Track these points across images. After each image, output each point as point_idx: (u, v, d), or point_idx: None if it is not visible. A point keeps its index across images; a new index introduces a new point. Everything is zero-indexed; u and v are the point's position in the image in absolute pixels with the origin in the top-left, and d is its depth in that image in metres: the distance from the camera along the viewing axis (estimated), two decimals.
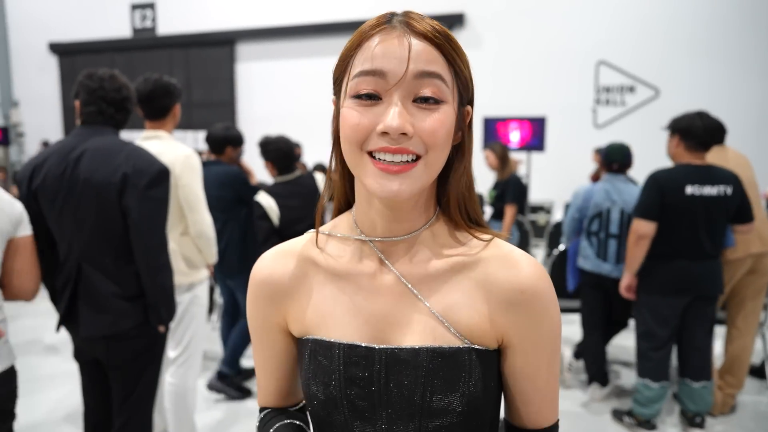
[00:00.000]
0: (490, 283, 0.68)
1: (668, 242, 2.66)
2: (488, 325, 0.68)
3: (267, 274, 0.75)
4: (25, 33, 11.01)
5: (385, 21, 0.64)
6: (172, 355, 2.47)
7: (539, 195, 8.04)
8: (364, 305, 0.69)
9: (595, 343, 3.25)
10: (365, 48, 0.63)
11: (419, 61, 0.61)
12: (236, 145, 3.23)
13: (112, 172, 1.78)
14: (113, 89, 1.89)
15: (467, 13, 8.77)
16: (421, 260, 0.70)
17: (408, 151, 0.61)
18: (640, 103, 8.36)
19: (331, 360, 0.68)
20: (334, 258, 0.72)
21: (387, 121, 0.60)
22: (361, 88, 0.62)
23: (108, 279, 1.84)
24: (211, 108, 9.98)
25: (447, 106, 0.63)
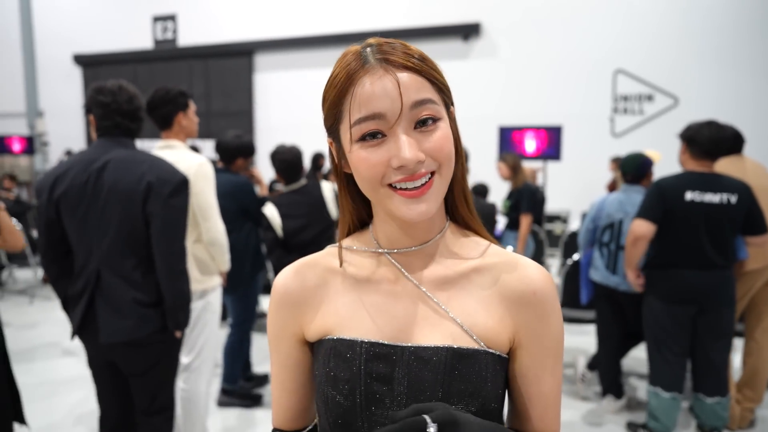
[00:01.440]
0: (504, 286, 0.73)
1: (671, 250, 2.63)
2: (502, 329, 0.72)
3: (288, 284, 0.78)
4: (51, 45, 11.31)
5: (363, 62, 0.67)
6: (184, 361, 2.50)
7: (555, 204, 7.98)
8: (385, 308, 0.74)
9: (609, 354, 3.21)
10: (356, 95, 0.66)
11: (410, 93, 0.66)
12: (247, 155, 3.17)
13: (137, 180, 1.86)
14: (125, 101, 1.95)
15: (483, 22, 8.78)
16: (437, 268, 0.75)
17: (424, 174, 0.67)
18: (658, 111, 8.26)
19: (353, 356, 0.70)
20: (355, 268, 0.77)
21: (400, 155, 0.65)
22: (365, 131, 0.66)
23: (128, 285, 1.89)
24: (229, 117, 10.13)
25: (442, 122, 0.68)
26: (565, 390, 3.53)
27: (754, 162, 2.98)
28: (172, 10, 10.56)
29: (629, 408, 3.25)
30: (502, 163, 4.30)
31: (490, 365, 0.70)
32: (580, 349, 4.16)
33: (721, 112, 5.17)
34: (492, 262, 0.75)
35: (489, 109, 8.41)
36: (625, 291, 3.00)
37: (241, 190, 3.09)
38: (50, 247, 1.94)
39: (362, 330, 0.73)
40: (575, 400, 3.39)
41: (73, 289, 1.95)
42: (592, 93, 8.40)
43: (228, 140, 3.12)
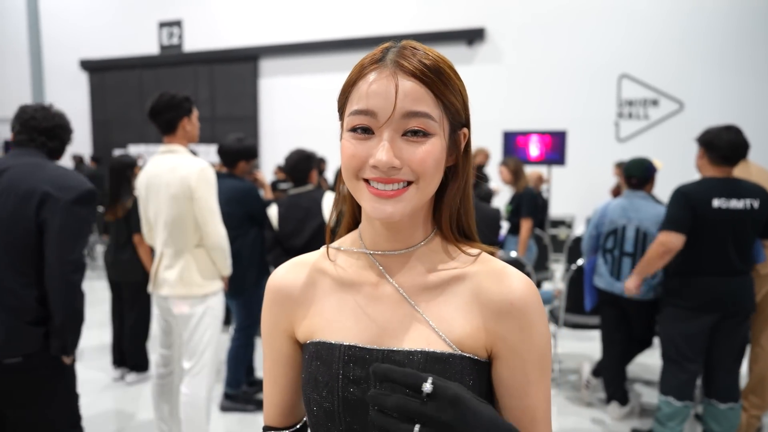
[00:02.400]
0: (483, 296, 0.73)
1: (696, 258, 2.58)
2: (479, 335, 0.71)
3: (281, 282, 0.81)
4: (58, 51, 11.40)
5: (380, 58, 0.69)
6: (186, 366, 2.50)
7: (560, 209, 7.95)
8: (365, 312, 0.75)
9: (613, 360, 3.18)
10: (360, 86, 0.68)
11: (406, 101, 0.66)
12: (249, 158, 3.14)
13: (33, 186, 1.76)
14: (44, 118, 1.93)
15: (487, 27, 8.79)
16: (418, 273, 0.75)
17: (398, 180, 0.68)
18: (664, 116, 8.23)
19: (332, 360, 0.72)
20: (342, 269, 0.79)
21: (376, 156, 0.66)
22: (356, 124, 0.68)
23: (6, 296, 1.72)
24: (234, 122, 10.16)
25: (435, 138, 0.68)
26: (570, 396, 3.50)
27: (758, 167, 2.95)
28: (178, 16, 10.62)
29: (634, 415, 3.22)
30: (504, 167, 4.30)
31: (466, 369, 0.70)
32: (585, 355, 4.14)
33: (725, 117, 5.14)
34: (475, 271, 0.74)
35: (493, 114, 8.41)
36: (629, 297, 2.98)
37: (248, 195, 3.08)
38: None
39: (343, 333, 0.74)
40: (579, 407, 3.36)
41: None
42: (596, 98, 8.39)
43: (229, 143, 3.11)
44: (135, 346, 3.76)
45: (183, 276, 2.40)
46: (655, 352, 3.43)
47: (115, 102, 11.21)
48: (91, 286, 6.61)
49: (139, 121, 10.72)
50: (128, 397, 3.55)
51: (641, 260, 2.74)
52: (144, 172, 2.51)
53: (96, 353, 4.27)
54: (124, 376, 3.78)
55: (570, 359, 4.10)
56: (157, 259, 2.49)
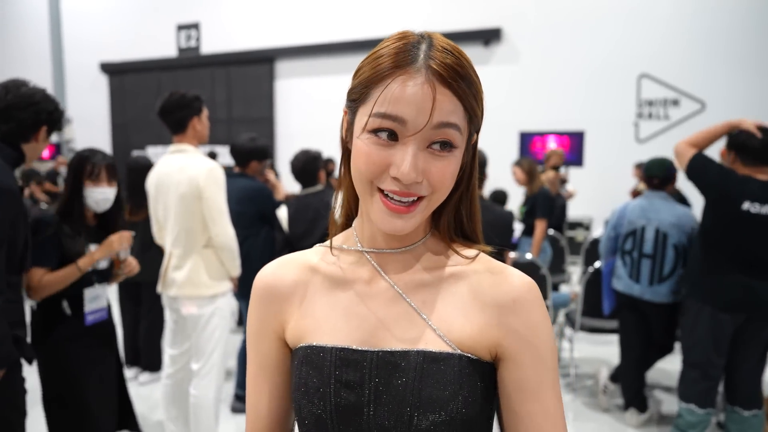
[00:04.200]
0: (483, 294, 0.69)
1: (726, 257, 2.47)
2: (480, 335, 0.68)
3: (269, 280, 0.76)
4: (79, 54, 11.58)
5: (410, 59, 0.62)
6: (194, 367, 2.49)
7: (578, 211, 7.83)
8: (357, 310, 0.71)
9: (632, 365, 3.09)
10: (389, 88, 0.62)
11: (440, 114, 0.62)
12: (261, 158, 3.11)
13: None
14: (5, 104, 1.74)
15: (504, 27, 8.71)
16: (414, 271, 0.72)
17: (415, 194, 0.64)
18: (685, 116, 8.06)
19: (323, 364, 0.68)
20: (334, 267, 0.75)
21: (401, 169, 0.62)
22: (381, 126, 0.62)
23: None
24: (250, 124, 10.21)
25: (457, 151, 0.65)
26: (586, 402, 3.42)
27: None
28: (196, 19, 10.71)
29: (653, 422, 3.12)
30: (518, 168, 4.22)
31: (465, 369, 0.65)
32: (602, 360, 4.04)
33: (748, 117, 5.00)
34: (473, 270, 0.71)
35: (510, 115, 8.32)
36: (649, 300, 2.89)
37: (260, 195, 3.05)
38: None
39: (334, 335, 0.70)
40: (596, 413, 3.27)
41: None
42: (615, 98, 8.25)
43: (242, 143, 3.09)
44: (150, 346, 3.76)
45: (191, 276, 2.39)
46: (675, 357, 3.32)
47: (133, 104, 11.34)
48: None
49: (157, 123, 10.75)
50: (141, 396, 3.55)
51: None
52: (154, 172, 2.50)
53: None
54: (137, 376, 3.80)
55: (587, 364, 4.01)
56: (166, 259, 2.48)
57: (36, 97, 1.78)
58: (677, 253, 2.83)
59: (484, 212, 2.57)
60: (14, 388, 1.70)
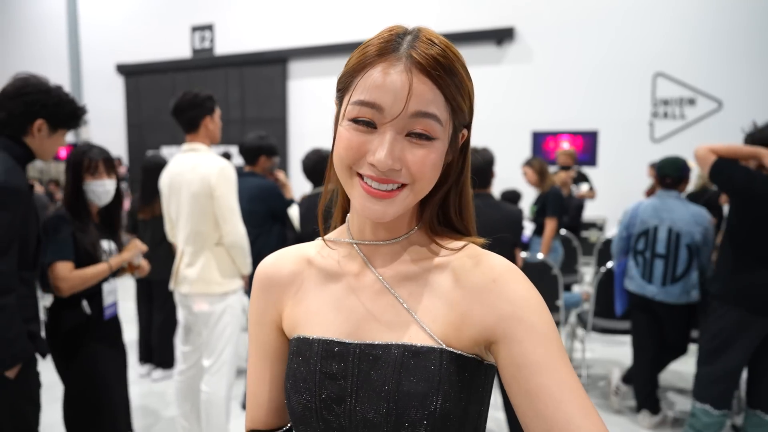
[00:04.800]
0: (464, 280, 0.69)
1: (754, 254, 2.42)
2: (464, 323, 0.67)
3: (269, 270, 0.79)
4: (96, 56, 11.75)
5: (394, 48, 0.63)
6: (206, 364, 2.51)
7: (591, 211, 7.76)
8: (346, 303, 0.72)
9: (644, 367, 3.06)
10: (369, 74, 0.63)
11: (418, 102, 0.62)
12: (270, 154, 3.16)
13: None
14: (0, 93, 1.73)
15: (517, 27, 8.67)
16: (401, 264, 0.73)
17: (394, 181, 0.65)
18: (701, 116, 7.95)
19: (311, 355, 0.70)
20: (327, 260, 0.77)
21: (376, 155, 0.63)
22: (359, 115, 0.64)
23: None
24: (263, 124, 10.27)
25: (438, 142, 0.65)
26: (598, 403, 3.39)
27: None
28: (210, 20, 10.81)
29: (666, 424, 3.09)
30: (529, 168, 4.20)
31: (446, 364, 0.65)
32: (615, 361, 4.00)
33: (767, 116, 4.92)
34: (457, 259, 0.71)
35: (523, 114, 8.27)
36: (662, 301, 2.86)
37: (271, 193, 3.09)
38: None
39: (323, 327, 0.72)
40: (608, 414, 3.24)
41: None
42: (630, 97, 8.17)
43: (250, 140, 3.13)
44: (163, 343, 3.81)
45: (203, 274, 2.41)
46: (689, 359, 3.28)
47: (149, 105, 11.48)
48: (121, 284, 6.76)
49: (171, 123, 10.89)
50: (154, 393, 3.60)
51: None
52: (167, 171, 2.53)
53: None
54: (151, 373, 3.84)
55: (599, 365, 3.97)
56: (179, 256, 2.51)
57: (28, 89, 1.74)
58: (690, 253, 2.80)
59: (493, 210, 2.58)
60: (30, 381, 1.73)
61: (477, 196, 2.67)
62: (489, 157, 2.63)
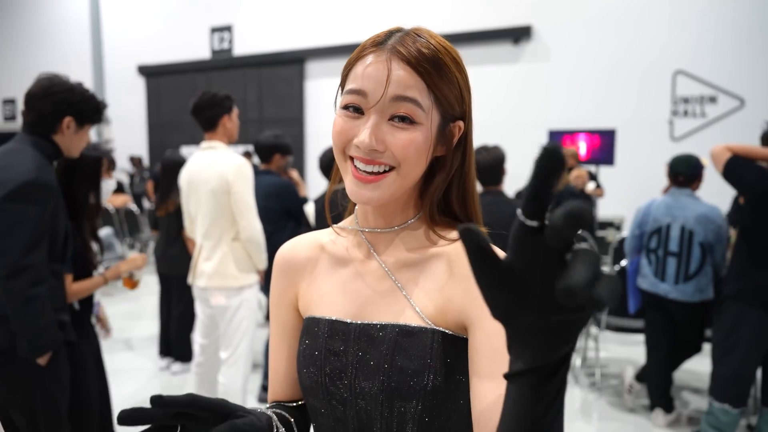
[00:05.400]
0: (456, 266, 0.73)
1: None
2: (450, 306, 0.72)
3: (286, 256, 0.86)
4: (118, 57, 11.99)
5: (381, 41, 0.70)
6: (223, 356, 2.58)
7: (608, 210, 7.70)
8: (352, 286, 0.79)
9: (658, 365, 3.06)
10: (357, 66, 0.70)
11: (397, 87, 0.67)
12: (284, 153, 3.22)
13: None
14: (27, 94, 1.80)
15: (534, 25, 8.63)
16: (402, 251, 0.78)
17: (380, 163, 0.70)
18: (722, 114, 7.83)
19: (319, 334, 0.77)
20: (338, 246, 0.83)
21: (360, 137, 0.69)
22: (348, 102, 0.71)
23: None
24: (281, 124, 10.38)
25: (421, 127, 0.69)
26: (612, 401, 3.39)
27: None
28: (229, 22, 10.96)
29: (681, 423, 3.08)
30: None
31: (435, 343, 0.70)
32: (629, 360, 3.99)
33: None
34: (455, 249, 0.75)
35: (539, 113, 8.24)
36: (675, 299, 2.85)
37: (285, 190, 3.15)
38: None
39: (330, 308, 0.78)
40: (622, 412, 3.24)
41: None
42: (649, 95, 8.08)
43: (265, 138, 3.20)
44: (180, 337, 3.90)
45: (220, 268, 2.48)
46: (704, 358, 3.26)
47: (169, 105, 11.68)
48: (144, 279, 6.92)
49: (191, 123, 11.08)
50: (173, 385, 3.69)
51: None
52: (186, 168, 2.61)
53: (146, 343, 4.46)
54: (170, 366, 3.94)
55: (613, 364, 3.96)
56: (197, 251, 2.58)
57: (54, 88, 1.80)
58: (703, 252, 2.79)
59: (505, 207, 2.60)
60: (59, 368, 1.81)
61: (488, 193, 2.69)
62: (499, 154, 2.66)
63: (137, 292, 6.30)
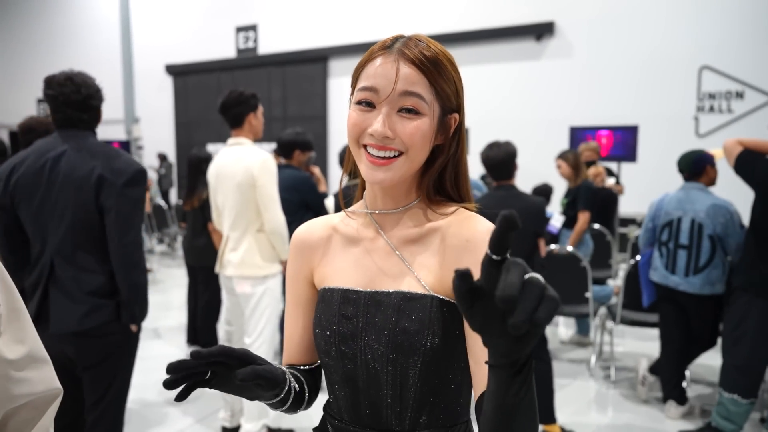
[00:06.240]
0: (448, 239, 0.85)
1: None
2: (445, 277, 0.83)
3: (302, 236, 0.97)
4: (147, 57, 12.32)
5: (388, 45, 0.82)
6: (247, 342, 2.72)
7: (630, 207, 7.66)
8: (363, 262, 0.90)
9: (671, 358, 3.10)
10: (369, 67, 0.82)
11: (404, 83, 0.79)
12: (304, 149, 3.34)
13: (88, 172, 1.85)
14: (72, 92, 1.90)
15: (557, 21, 8.60)
16: (405, 229, 0.89)
17: (391, 149, 0.81)
18: (750, 110, 7.71)
19: (332, 302, 0.88)
20: (348, 228, 0.94)
21: (374, 126, 0.80)
22: (361, 98, 0.82)
23: (81, 275, 1.87)
24: (304, 121, 10.55)
25: (425, 117, 0.81)
26: (625, 393, 3.44)
27: None
28: (254, 21, 11.17)
29: (694, 416, 3.11)
30: (563, 161, 4.24)
31: (435, 307, 0.81)
32: (644, 353, 4.02)
33: None
34: (447, 222, 0.86)
35: (561, 110, 8.22)
36: (685, 291, 2.90)
37: (304, 183, 3.27)
38: (7, 236, 1.93)
39: (344, 280, 0.89)
40: (635, 404, 3.29)
41: (29, 280, 1.92)
42: (674, 91, 7.98)
43: (286, 135, 3.34)
44: (206, 325, 4.07)
45: (245, 258, 2.62)
46: (719, 353, 3.29)
47: (195, 103, 11.96)
48: (172, 273, 7.15)
49: (216, 121, 11.38)
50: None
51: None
52: (214, 163, 2.76)
53: (174, 332, 4.66)
54: None
55: (629, 358, 4.00)
56: (224, 242, 2.72)
57: (95, 84, 1.97)
58: (713, 244, 2.82)
59: (515, 200, 2.69)
60: (137, 339, 2.06)
61: (501, 187, 2.78)
62: (511, 150, 2.74)
63: (166, 284, 6.54)
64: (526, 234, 2.69)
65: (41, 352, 0.83)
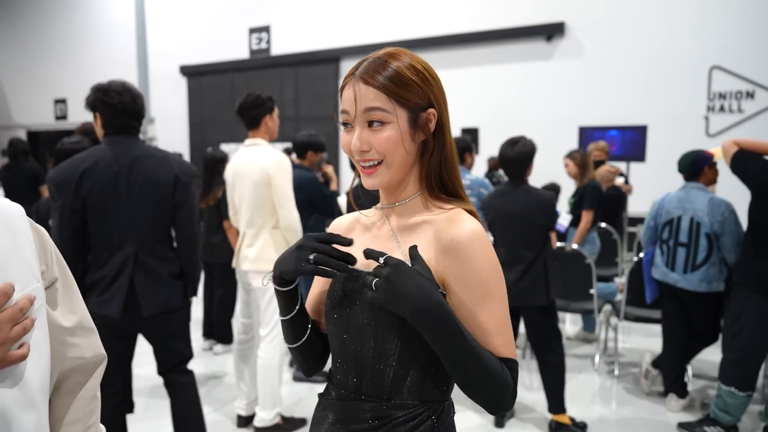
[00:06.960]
0: (437, 235, 0.95)
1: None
2: (433, 267, 0.93)
3: (336, 223, 1.16)
4: (162, 59, 12.52)
5: (352, 72, 0.96)
6: (262, 333, 2.85)
7: (639, 207, 7.67)
8: (369, 245, 1.01)
9: (672, 353, 3.18)
10: (343, 93, 0.97)
11: (363, 101, 0.92)
12: (317, 150, 3.50)
13: (166, 173, 2.15)
14: (130, 101, 2.12)
15: (567, 21, 8.64)
16: (405, 220, 1.02)
17: (370, 159, 0.95)
18: (760, 109, 7.71)
19: (340, 277, 1.01)
20: (368, 219, 1.10)
21: (351, 144, 0.95)
22: (342, 120, 0.97)
23: (161, 263, 2.19)
24: (316, 122, 10.68)
25: (391, 124, 0.93)
26: (629, 388, 3.52)
27: None
28: (267, 22, 11.32)
29: (695, 409, 3.19)
30: (571, 160, 4.31)
31: None
32: (648, 349, 4.09)
33: None
34: (439, 218, 0.97)
35: (570, 110, 8.26)
36: (684, 288, 2.98)
37: (310, 183, 3.42)
38: (75, 238, 2.09)
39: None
40: (638, 397, 3.38)
41: (98, 275, 2.11)
42: (684, 91, 7.99)
43: (301, 136, 3.51)
44: (222, 320, 4.21)
45: (261, 253, 2.75)
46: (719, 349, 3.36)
47: (209, 104, 12.14)
48: None
49: (230, 121, 11.56)
50: (215, 364, 4.01)
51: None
52: (231, 163, 2.89)
53: (191, 326, 4.79)
54: (212, 347, 4.25)
55: (633, 353, 4.08)
56: (240, 238, 2.85)
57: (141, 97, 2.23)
58: (710, 242, 2.91)
59: (523, 194, 2.79)
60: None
61: (511, 183, 2.88)
62: (527, 150, 2.80)
63: None
64: (536, 227, 2.78)
65: (90, 323, 0.97)
